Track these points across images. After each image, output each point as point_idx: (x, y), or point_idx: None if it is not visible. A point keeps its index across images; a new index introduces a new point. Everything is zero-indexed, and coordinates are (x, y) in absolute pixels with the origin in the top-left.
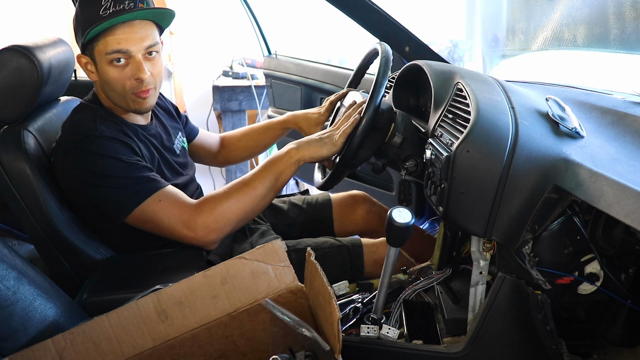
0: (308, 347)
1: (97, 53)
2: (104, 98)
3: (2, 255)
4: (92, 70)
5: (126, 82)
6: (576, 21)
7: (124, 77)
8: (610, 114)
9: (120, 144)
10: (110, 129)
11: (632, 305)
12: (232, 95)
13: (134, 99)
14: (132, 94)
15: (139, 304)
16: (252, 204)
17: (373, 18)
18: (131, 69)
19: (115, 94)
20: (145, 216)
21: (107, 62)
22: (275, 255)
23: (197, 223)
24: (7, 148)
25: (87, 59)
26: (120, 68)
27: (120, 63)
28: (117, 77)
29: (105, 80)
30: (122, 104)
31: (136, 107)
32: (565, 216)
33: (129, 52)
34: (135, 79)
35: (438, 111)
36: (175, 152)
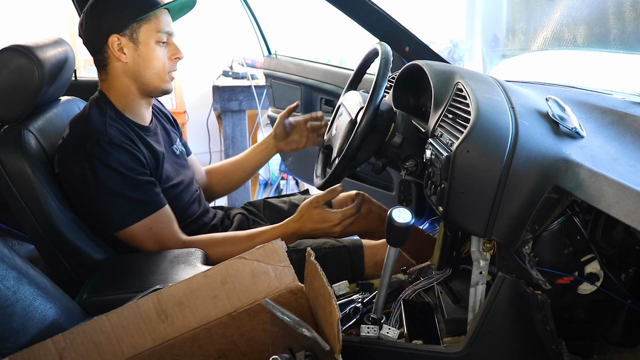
0: (308, 347)
1: (146, 31)
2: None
3: (2, 255)
4: (126, 52)
5: (166, 62)
6: (576, 21)
7: (164, 56)
8: (610, 114)
9: (127, 153)
10: (119, 135)
11: (632, 305)
12: (232, 95)
13: (168, 79)
14: (168, 73)
15: (139, 304)
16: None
17: (373, 18)
18: (171, 49)
19: (153, 73)
20: (133, 238)
21: (155, 41)
22: (275, 255)
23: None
24: (7, 148)
25: (124, 39)
26: (162, 48)
27: (163, 44)
28: (161, 56)
29: (149, 58)
30: (155, 83)
31: (167, 88)
32: (565, 216)
33: (172, 33)
34: (175, 58)
35: (438, 111)
36: (175, 152)
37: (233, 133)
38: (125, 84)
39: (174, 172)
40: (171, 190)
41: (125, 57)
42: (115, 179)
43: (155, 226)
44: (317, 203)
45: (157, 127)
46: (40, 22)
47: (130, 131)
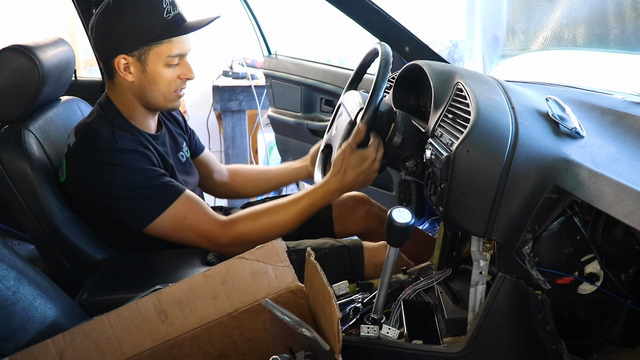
0: (308, 347)
1: (155, 54)
2: (127, 102)
3: (2, 255)
4: (132, 72)
5: (174, 82)
6: (576, 21)
7: (174, 76)
8: (610, 114)
9: (139, 155)
10: (128, 141)
11: (632, 305)
12: (232, 95)
13: (174, 98)
14: (174, 92)
15: (139, 304)
16: (280, 231)
17: (373, 18)
18: (180, 69)
19: (158, 93)
20: (166, 230)
21: (164, 63)
22: (275, 255)
23: (222, 241)
24: (7, 147)
25: (131, 59)
26: (172, 69)
27: (175, 65)
28: (170, 77)
29: (155, 80)
30: (160, 102)
31: (172, 106)
32: (565, 216)
33: (185, 54)
34: (185, 78)
35: (438, 111)
36: (181, 160)
37: (233, 133)
38: (129, 98)
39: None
40: None
41: (131, 77)
42: (131, 177)
43: (189, 215)
44: (351, 149)
45: (165, 135)
46: (40, 22)
47: (141, 137)
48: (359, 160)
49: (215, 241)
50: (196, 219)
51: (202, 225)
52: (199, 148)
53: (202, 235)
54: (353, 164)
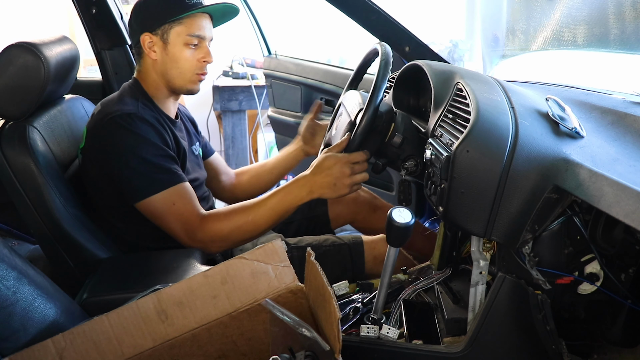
0: (308, 347)
1: (175, 33)
2: (152, 81)
3: (2, 255)
4: (156, 50)
5: (194, 63)
6: (576, 21)
7: (193, 58)
8: (610, 114)
9: (155, 130)
10: (149, 115)
11: (632, 305)
12: (232, 95)
13: (194, 80)
14: (195, 74)
15: (139, 304)
16: (254, 230)
17: (373, 18)
18: (200, 52)
19: (177, 72)
20: (155, 209)
21: (183, 42)
22: (275, 255)
23: (197, 236)
24: (12, 144)
25: (155, 38)
26: (191, 50)
27: (193, 46)
28: (188, 57)
29: (175, 58)
30: (180, 82)
31: (193, 88)
32: (565, 216)
33: (204, 38)
34: (203, 61)
35: (438, 111)
36: (194, 152)
37: (233, 133)
38: (154, 78)
39: (192, 169)
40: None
41: (155, 55)
42: (143, 147)
43: (178, 202)
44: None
45: (181, 124)
46: (41, 22)
47: (160, 118)
48: (331, 162)
49: (192, 235)
50: (183, 209)
51: (187, 215)
52: (209, 151)
53: (184, 225)
54: (324, 165)
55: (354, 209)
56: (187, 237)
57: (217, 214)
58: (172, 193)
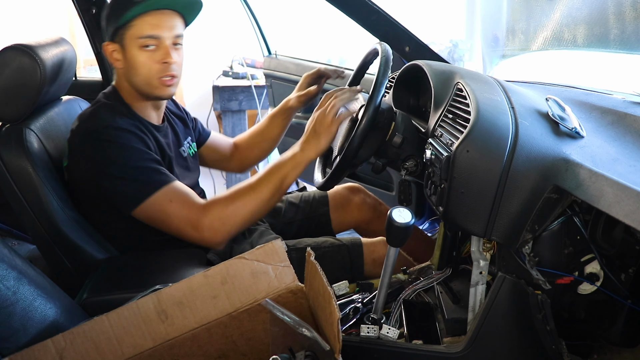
0: (308, 347)
1: (129, 37)
2: (126, 90)
3: (2, 255)
4: (119, 58)
5: (153, 66)
6: (576, 21)
7: (152, 61)
8: (610, 114)
9: (135, 136)
10: (127, 123)
11: (632, 305)
12: (232, 95)
13: (158, 85)
14: (158, 79)
15: (139, 304)
16: (258, 206)
17: (373, 18)
18: (160, 53)
19: (140, 79)
20: (153, 212)
21: (138, 46)
22: (275, 255)
23: (204, 224)
24: (9, 146)
25: (115, 46)
26: (149, 53)
27: (150, 48)
28: (145, 61)
29: (133, 64)
30: (145, 89)
31: (160, 94)
32: (565, 216)
33: (160, 37)
34: (163, 62)
35: (438, 111)
36: (182, 155)
37: (233, 133)
38: (126, 86)
39: (180, 175)
40: None
41: (119, 63)
42: (128, 155)
43: (175, 198)
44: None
45: (167, 128)
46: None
47: (141, 125)
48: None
49: (198, 225)
50: (182, 204)
51: (187, 208)
52: (204, 135)
53: (187, 218)
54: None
55: (359, 216)
56: (194, 230)
57: (218, 198)
58: (166, 192)
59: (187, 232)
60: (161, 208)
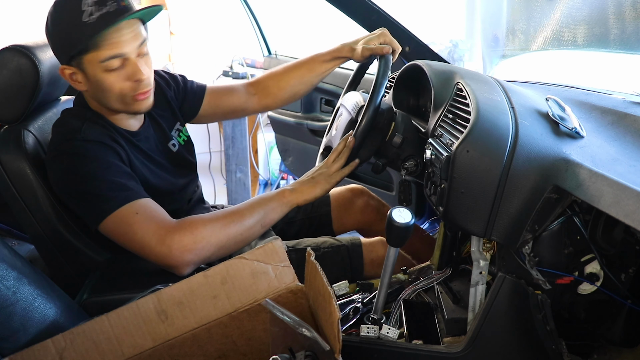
0: (308, 347)
1: (88, 62)
2: (94, 105)
3: (2, 255)
4: (80, 81)
5: (124, 85)
6: (576, 21)
7: (121, 80)
8: (610, 114)
9: (104, 147)
10: (96, 133)
11: (632, 305)
12: None
13: (134, 102)
14: (132, 96)
15: (139, 304)
16: (236, 233)
17: (373, 18)
18: (127, 71)
19: (112, 100)
20: (117, 227)
21: (101, 70)
22: (275, 255)
23: (173, 240)
24: (7, 148)
25: (73, 69)
26: (116, 73)
27: (115, 68)
28: (114, 82)
29: (100, 88)
30: (120, 108)
31: (137, 109)
32: (565, 216)
33: (124, 55)
34: (134, 80)
35: (438, 111)
36: (172, 150)
37: (233, 133)
38: (95, 104)
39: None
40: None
41: (81, 86)
42: (93, 168)
43: (143, 211)
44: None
45: (148, 128)
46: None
47: (113, 132)
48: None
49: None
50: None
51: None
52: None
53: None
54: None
55: (362, 219)
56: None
57: (196, 218)
58: (133, 206)
59: (154, 248)
60: (126, 224)
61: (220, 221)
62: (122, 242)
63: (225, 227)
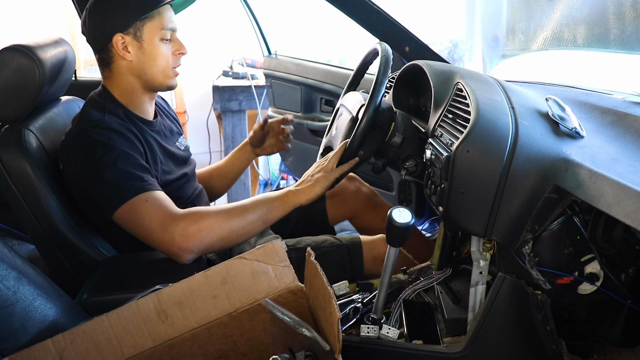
0: (308, 347)
1: (149, 29)
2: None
3: (2, 255)
4: (130, 50)
5: (170, 58)
6: (576, 21)
7: (169, 52)
8: (610, 114)
9: (124, 137)
10: (117, 123)
11: (632, 305)
12: (232, 95)
13: (172, 75)
14: (172, 69)
15: (139, 304)
16: (238, 226)
17: (373, 18)
18: (174, 45)
19: (157, 70)
20: (129, 214)
21: (159, 38)
22: (275, 255)
23: (177, 227)
24: (8, 147)
25: (128, 38)
26: (167, 44)
27: (168, 40)
28: (165, 53)
29: (153, 56)
30: (160, 80)
31: (172, 84)
32: (565, 216)
33: (175, 30)
34: (179, 53)
35: (438, 111)
36: (180, 148)
37: (233, 133)
38: (129, 81)
39: (178, 164)
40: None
41: (130, 56)
42: (113, 156)
43: (152, 199)
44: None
45: (160, 124)
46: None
47: (130, 124)
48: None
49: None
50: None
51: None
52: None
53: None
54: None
55: (353, 205)
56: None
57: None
58: (145, 197)
59: (158, 234)
60: (136, 211)
61: (224, 213)
62: (131, 229)
63: (229, 219)
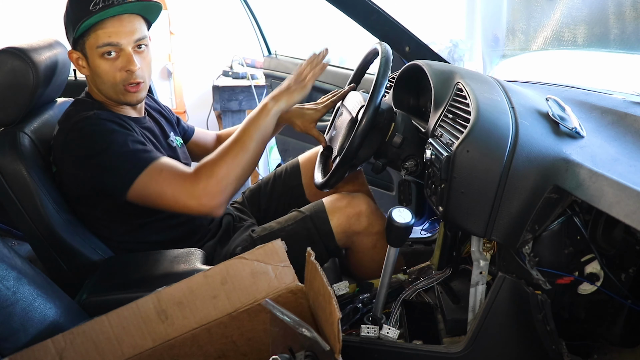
0: (308, 347)
1: (89, 47)
2: (96, 93)
3: (2, 255)
4: (84, 65)
5: (116, 74)
6: (576, 21)
7: (115, 69)
8: (610, 114)
9: (117, 124)
10: (106, 114)
11: (632, 305)
12: (232, 95)
13: (124, 92)
14: (123, 86)
15: (139, 304)
16: (247, 159)
17: (373, 18)
18: (121, 61)
19: (106, 87)
20: (147, 189)
21: (98, 55)
22: (275, 255)
23: (199, 190)
24: (3, 150)
25: (78, 54)
26: (111, 61)
27: (111, 56)
28: (108, 69)
29: (97, 73)
30: (113, 96)
31: (127, 100)
32: (565, 216)
33: (119, 45)
34: (126, 70)
35: (438, 111)
36: (171, 145)
37: None
38: (96, 92)
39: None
40: None
41: (85, 70)
42: (112, 139)
43: (165, 169)
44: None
45: (150, 122)
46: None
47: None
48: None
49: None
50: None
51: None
52: (188, 132)
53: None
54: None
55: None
56: (191, 198)
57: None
58: (155, 167)
59: (185, 202)
60: (153, 184)
61: (229, 154)
62: (152, 201)
63: (236, 157)
